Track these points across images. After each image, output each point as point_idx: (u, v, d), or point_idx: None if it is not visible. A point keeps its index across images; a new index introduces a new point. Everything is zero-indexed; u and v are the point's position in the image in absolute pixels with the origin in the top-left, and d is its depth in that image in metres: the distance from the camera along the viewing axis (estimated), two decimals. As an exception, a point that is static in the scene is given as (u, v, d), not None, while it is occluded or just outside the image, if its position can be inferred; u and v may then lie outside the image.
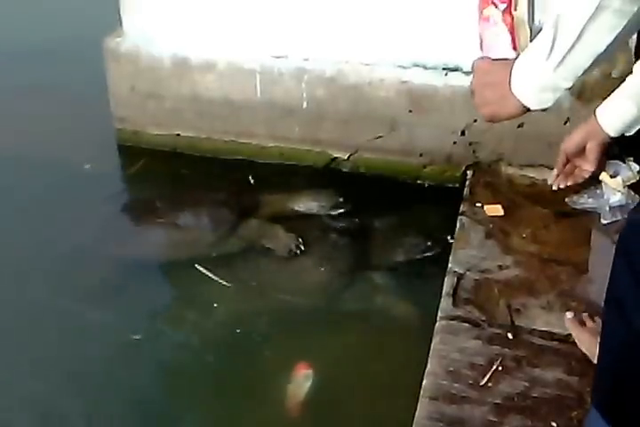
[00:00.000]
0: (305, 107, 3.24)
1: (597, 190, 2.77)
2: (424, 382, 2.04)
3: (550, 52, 1.29)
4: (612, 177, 2.75)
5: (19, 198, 3.21)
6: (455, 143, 3.13)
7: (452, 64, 3.04)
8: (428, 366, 2.10)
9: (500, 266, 2.53)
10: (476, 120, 3.03)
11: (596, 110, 1.44)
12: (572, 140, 1.64)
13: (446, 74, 3.06)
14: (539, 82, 1.34)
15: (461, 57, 2.97)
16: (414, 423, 1.93)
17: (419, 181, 3.28)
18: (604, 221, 2.69)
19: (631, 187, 2.75)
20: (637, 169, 2.77)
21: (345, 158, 3.33)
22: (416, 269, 2.85)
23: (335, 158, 3.35)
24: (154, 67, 3.34)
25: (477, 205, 2.85)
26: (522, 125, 2.94)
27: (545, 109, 1.42)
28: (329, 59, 3.15)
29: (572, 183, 1.80)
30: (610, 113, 1.44)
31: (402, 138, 3.20)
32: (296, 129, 3.31)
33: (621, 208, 2.71)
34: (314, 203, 3.11)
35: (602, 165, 1.69)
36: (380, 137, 3.22)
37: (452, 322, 2.25)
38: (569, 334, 2.19)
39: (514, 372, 2.09)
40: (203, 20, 3.22)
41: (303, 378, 2.41)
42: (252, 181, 3.31)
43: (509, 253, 2.59)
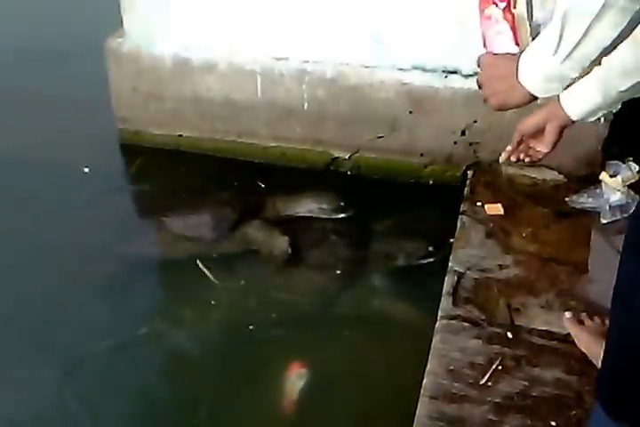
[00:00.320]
0: (306, 107, 3.25)
1: (597, 190, 2.79)
2: (424, 382, 2.06)
3: (558, 47, 1.33)
4: (611, 177, 2.77)
5: (19, 198, 3.21)
6: (456, 143, 3.15)
7: (451, 67, 3.06)
8: (428, 365, 2.11)
9: (501, 265, 2.54)
10: (476, 121, 3.05)
11: (560, 93, 1.45)
12: (531, 120, 1.61)
13: (446, 76, 3.07)
14: (546, 72, 1.39)
15: (460, 60, 2.98)
16: (415, 423, 1.94)
17: (420, 181, 3.29)
18: (603, 221, 2.70)
19: (631, 186, 2.76)
20: (637, 169, 2.78)
21: (346, 158, 3.34)
22: (417, 270, 2.85)
23: (336, 158, 3.36)
24: (155, 67, 3.35)
25: (478, 204, 2.86)
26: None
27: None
28: (329, 61, 3.16)
29: (523, 161, 1.73)
30: (575, 98, 1.45)
31: (402, 138, 3.21)
32: (297, 129, 3.32)
33: (621, 208, 2.71)
34: (315, 206, 3.10)
35: (555, 146, 1.62)
36: (381, 137, 3.23)
37: (453, 321, 2.27)
38: (568, 334, 2.20)
39: (513, 371, 2.10)
40: (204, 21, 3.23)
41: (297, 377, 2.42)
42: (262, 185, 3.31)
43: (509, 253, 2.60)
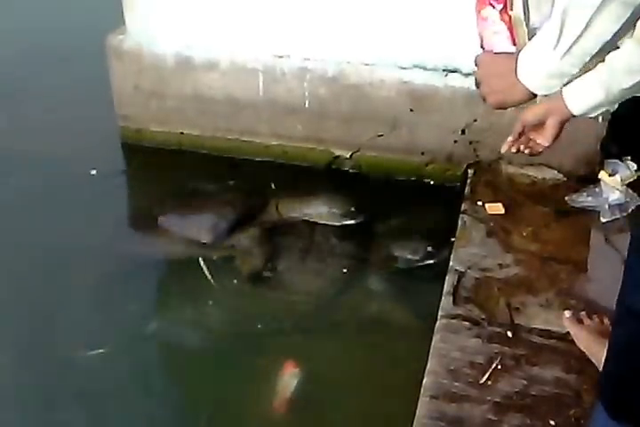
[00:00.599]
0: (307, 106, 3.26)
1: (596, 189, 2.80)
2: (424, 381, 2.07)
3: (558, 41, 1.33)
4: (610, 176, 2.78)
5: (19, 197, 3.21)
6: (456, 142, 3.15)
7: (452, 66, 3.06)
8: (428, 364, 2.12)
9: (501, 264, 2.55)
10: (476, 120, 3.06)
11: (563, 88, 1.44)
12: (532, 112, 1.59)
13: (446, 75, 3.08)
14: (546, 68, 1.38)
15: (461, 59, 2.99)
16: (415, 422, 1.95)
17: (420, 180, 3.30)
18: (603, 220, 2.72)
19: (630, 185, 2.77)
20: (635, 168, 2.80)
21: (347, 157, 3.35)
22: (417, 270, 2.86)
23: (337, 157, 3.37)
24: (157, 65, 3.35)
25: (478, 203, 2.87)
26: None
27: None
28: (330, 59, 3.17)
29: (523, 152, 1.72)
30: (578, 94, 1.44)
31: (403, 137, 3.22)
32: (299, 128, 3.32)
33: (620, 206, 2.73)
34: (325, 210, 3.05)
35: (555, 140, 1.61)
36: (382, 136, 3.24)
37: (453, 321, 2.28)
38: (567, 333, 2.21)
39: (513, 370, 2.11)
40: (206, 19, 3.23)
41: (295, 378, 2.43)
42: (272, 186, 3.29)
43: (510, 252, 2.61)
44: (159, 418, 2.38)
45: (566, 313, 2.26)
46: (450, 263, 2.55)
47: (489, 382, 2.07)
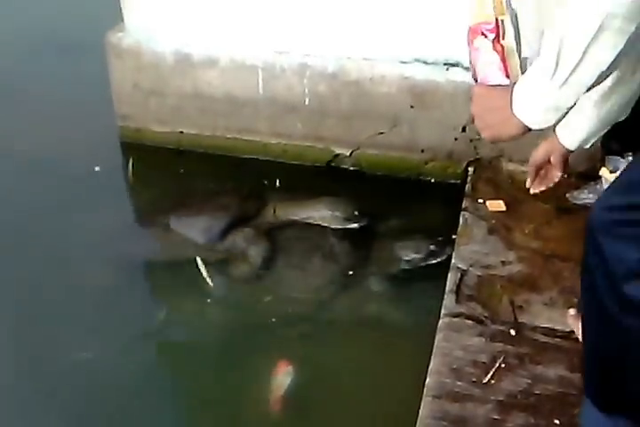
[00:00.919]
0: (307, 103, 3.24)
1: (597, 186, 2.79)
2: (427, 381, 2.05)
3: (554, 72, 1.31)
4: (611, 172, 2.77)
5: (19, 197, 3.21)
6: (456, 139, 3.14)
7: (453, 59, 3.04)
8: (431, 364, 2.11)
9: (503, 262, 2.54)
10: (477, 117, 3.04)
11: (556, 128, 1.57)
12: (537, 155, 2.03)
13: (447, 69, 3.06)
14: (542, 102, 1.37)
15: (462, 52, 2.94)
16: (418, 423, 1.94)
17: (421, 178, 3.29)
18: (605, 217, 2.70)
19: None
20: (637, 164, 2.78)
21: (347, 155, 3.34)
22: (419, 269, 2.85)
23: (337, 155, 3.35)
24: (156, 63, 3.34)
25: (479, 201, 2.86)
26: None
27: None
28: (331, 54, 3.15)
29: (546, 187, 2.17)
30: (569, 132, 1.61)
31: (404, 134, 3.20)
32: (298, 126, 3.31)
33: (621, 203, 2.72)
34: (327, 213, 2.99)
35: (566, 169, 2.05)
36: (382, 133, 3.22)
37: (455, 319, 2.26)
38: (571, 331, 2.20)
39: (517, 369, 2.10)
40: (205, 16, 3.21)
41: (284, 375, 2.43)
42: (277, 184, 3.28)
43: (512, 249, 2.60)
44: (158, 417, 2.38)
45: (571, 311, 2.24)
46: (452, 261, 2.54)
47: (492, 382, 2.06)
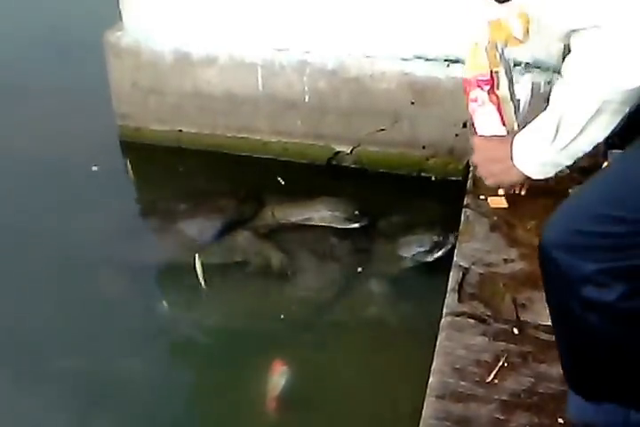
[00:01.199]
0: (307, 100, 3.23)
1: (600, 181, 2.77)
2: (430, 381, 2.03)
3: (555, 138, 1.47)
4: (614, 167, 2.75)
5: (18, 196, 3.21)
6: (457, 136, 3.12)
7: (454, 56, 3.03)
8: (433, 363, 2.09)
9: (506, 259, 2.51)
10: (478, 112, 3.02)
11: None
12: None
13: (448, 65, 3.05)
14: (542, 159, 1.54)
15: (463, 48, 2.93)
16: (421, 423, 1.93)
17: (422, 174, 3.28)
18: (608, 212, 2.68)
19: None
20: None
21: (348, 152, 3.33)
22: (420, 268, 2.84)
23: (338, 153, 3.34)
24: (155, 62, 3.33)
25: (481, 197, 2.83)
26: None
27: None
28: (330, 51, 3.14)
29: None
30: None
31: (404, 130, 3.19)
32: (298, 123, 3.29)
33: (625, 198, 2.69)
34: (328, 213, 2.96)
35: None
36: (383, 130, 3.21)
37: (458, 318, 2.24)
38: (574, 329, 2.19)
39: (520, 368, 2.08)
40: (203, 15, 3.20)
41: (285, 376, 2.42)
42: (281, 182, 3.27)
43: (514, 246, 2.57)
44: (158, 418, 2.39)
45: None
46: (454, 259, 2.52)
47: (495, 381, 2.04)
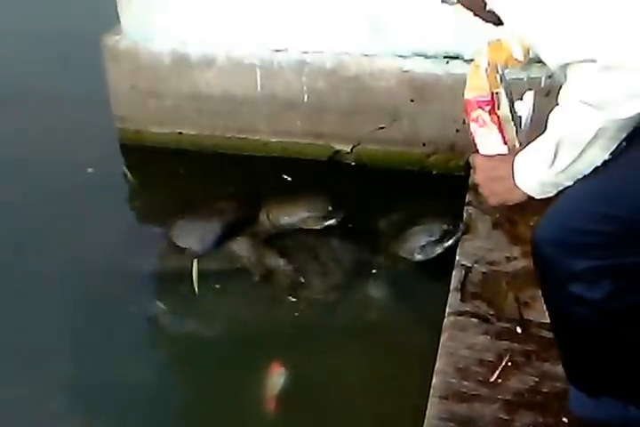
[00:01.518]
0: (306, 100, 3.22)
1: (603, 175, 2.74)
2: (433, 381, 2.03)
3: (553, 163, 1.47)
4: (617, 161, 2.73)
5: (15, 199, 3.19)
6: (458, 131, 3.11)
7: (453, 52, 3.02)
8: (437, 364, 2.08)
9: (508, 257, 2.50)
10: (477, 109, 3.01)
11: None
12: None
13: (447, 62, 3.04)
14: (542, 180, 1.53)
15: (462, 45, 2.94)
16: (425, 424, 1.92)
17: (424, 171, 3.26)
18: (610, 208, 2.66)
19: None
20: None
21: (348, 151, 3.32)
22: (422, 267, 2.82)
23: (338, 151, 3.33)
24: (153, 64, 3.32)
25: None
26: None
27: None
28: (328, 50, 3.13)
29: None
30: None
31: (404, 128, 3.18)
32: (298, 123, 3.29)
33: (628, 193, 2.68)
34: (305, 215, 2.92)
35: None
36: (383, 128, 3.20)
37: (460, 318, 2.23)
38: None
39: (523, 367, 2.07)
40: (201, 16, 3.19)
41: (281, 378, 2.42)
42: (288, 179, 3.27)
43: (517, 244, 2.56)
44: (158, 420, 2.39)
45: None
46: (456, 258, 2.51)
47: (499, 380, 2.03)
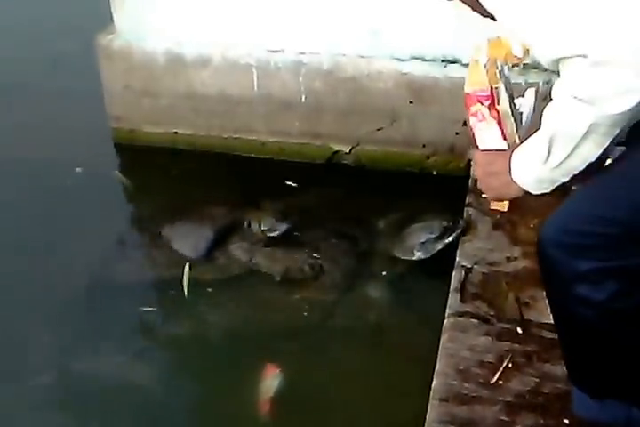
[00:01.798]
0: (303, 100, 3.20)
1: (604, 177, 2.73)
2: (434, 383, 2.00)
3: (547, 159, 1.45)
4: (617, 162, 2.71)
5: (9, 201, 3.17)
6: (457, 134, 3.09)
7: (451, 56, 3.02)
8: (437, 366, 2.05)
9: (509, 258, 2.48)
10: (477, 109, 2.99)
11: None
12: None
13: (445, 66, 3.03)
14: (537, 176, 1.52)
15: (460, 49, 2.93)
16: None
17: (423, 172, 3.25)
18: (612, 208, 2.65)
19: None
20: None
21: (346, 152, 3.29)
22: (423, 266, 2.80)
23: (337, 152, 3.31)
24: (148, 64, 3.30)
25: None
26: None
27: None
28: (325, 52, 3.11)
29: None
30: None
31: (403, 129, 3.17)
32: (295, 123, 3.27)
33: (629, 194, 2.66)
34: (258, 229, 2.90)
35: None
36: (381, 129, 3.18)
37: (461, 319, 2.21)
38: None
39: (524, 368, 2.04)
40: (196, 15, 3.17)
41: (275, 378, 2.42)
42: (292, 185, 3.25)
43: (517, 244, 2.55)
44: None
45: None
46: (456, 259, 2.48)
47: (500, 382, 2.00)
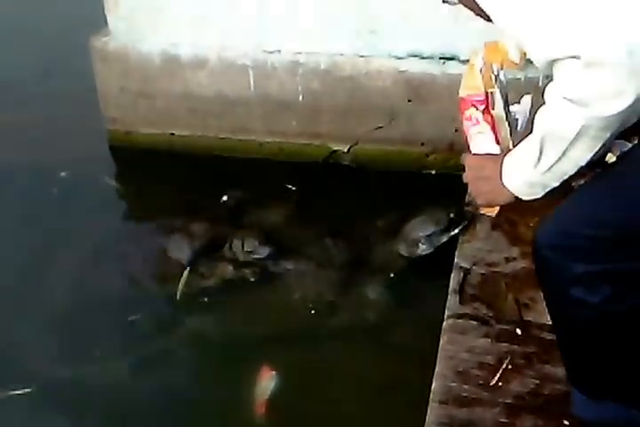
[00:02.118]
0: (301, 100, 3.19)
1: (604, 173, 2.71)
2: (433, 386, 1.99)
3: (538, 162, 1.42)
4: (618, 158, 2.69)
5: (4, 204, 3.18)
6: (456, 131, 3.07)
7: (449, 53, 3.00)
8: (436, 367, 2.04)
9: (507, 258, 2.47)
10: (476, 107, 2.98)
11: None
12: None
13: (444, 63, 3.02)
14: (528, 181, 1.48)
15: (457, 46, 2.92)
16: (424, 429, 1.89)
17: (423, 170, 3.24)
18: (611, 206, 2.63)
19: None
20: (644, 149, 2.71)
21: (345, 151, 3.29)
22: (423, 266, 2.80)
23: (335, 151, 3.30)
24: (143, 65, 3.29)
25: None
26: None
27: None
28: (322, 52, 3.10)
29: None
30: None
31: (402, 128, 3.16)
32: (293, 123, 3.26)
33: (629, 191, 2.65)
34: (240, 251, 2.86)
35: None
36: (380, 128, 3.17)
37: (460, 320, 2.20)
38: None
39: (524, 369, 2.03)
40: (191, 16, 3.15)
41: (272, 379, 2.42)
42: (292, 188, 3.24)
43: (516, 244, 2.54)
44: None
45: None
46: (455, 260, 2.47)
47: (499, 384, 1.99)
